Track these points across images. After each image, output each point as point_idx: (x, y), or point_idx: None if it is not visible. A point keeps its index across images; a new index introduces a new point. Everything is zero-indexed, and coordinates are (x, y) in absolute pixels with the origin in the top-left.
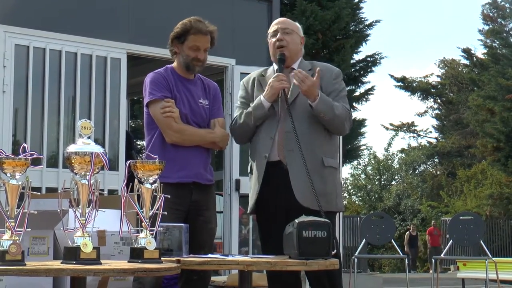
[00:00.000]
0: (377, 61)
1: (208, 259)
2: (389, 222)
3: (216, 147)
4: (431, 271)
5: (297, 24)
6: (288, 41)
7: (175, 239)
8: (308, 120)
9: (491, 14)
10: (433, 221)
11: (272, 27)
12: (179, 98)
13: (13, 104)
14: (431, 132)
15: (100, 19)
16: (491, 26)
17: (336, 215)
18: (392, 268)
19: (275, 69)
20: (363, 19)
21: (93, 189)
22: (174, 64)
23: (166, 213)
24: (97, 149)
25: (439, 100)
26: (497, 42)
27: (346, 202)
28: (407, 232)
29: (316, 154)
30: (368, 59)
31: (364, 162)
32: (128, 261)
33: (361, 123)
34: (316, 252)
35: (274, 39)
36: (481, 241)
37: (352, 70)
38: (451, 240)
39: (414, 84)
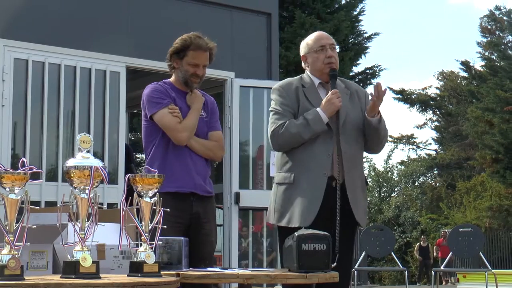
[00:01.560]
0: (376, 73)
1: (208, 272)
2: (388, 234)
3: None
4: (444, 283)
5: None
6: (336, 58)
7: (175, 253)
8: (356, 139)
9: (489, 27)
10: (442, 232)
11: (317, 42)
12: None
13: (12, 118)
14: (430, 144)
15: (100, 32)
16: (489, 38)
17: None
18: (392, 280)
19: (315, 83)
20: (362, 32)
21: (93, 203)
22: (172, 79)
23: (165, 226)
24: (97, 163)
25: (438, 112)
26: (495, 55)
27: None
28: (417, 244)
29: (363, 173)
30: (367, 71)
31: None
32: (128, 275)
33: None
34: (315, 265)
35: (322, 55)
36: (481, 253)
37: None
38: (450, 252)
39: (413, 96)
